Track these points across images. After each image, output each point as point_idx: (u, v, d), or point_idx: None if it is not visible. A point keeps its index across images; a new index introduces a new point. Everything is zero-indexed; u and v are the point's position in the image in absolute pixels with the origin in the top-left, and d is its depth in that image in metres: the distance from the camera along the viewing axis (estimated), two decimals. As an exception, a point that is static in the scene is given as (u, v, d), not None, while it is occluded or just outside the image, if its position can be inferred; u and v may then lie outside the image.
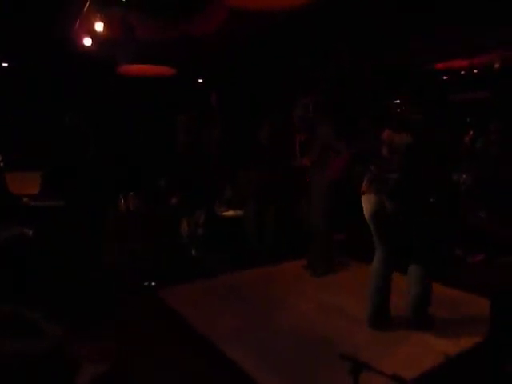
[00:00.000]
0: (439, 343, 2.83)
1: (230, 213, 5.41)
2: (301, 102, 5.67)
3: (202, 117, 7.07)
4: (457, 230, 4.59)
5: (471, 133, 5.89)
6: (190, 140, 5.40)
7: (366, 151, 3.70)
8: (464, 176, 5.13)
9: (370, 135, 3.85)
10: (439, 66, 5.91)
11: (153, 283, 4.14)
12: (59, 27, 4.16)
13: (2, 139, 5.10)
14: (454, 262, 4.57)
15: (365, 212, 3.10)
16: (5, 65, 5.44)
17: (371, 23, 4.41)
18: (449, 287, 3.83)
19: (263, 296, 3.77)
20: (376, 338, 2.95)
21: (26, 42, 4.62)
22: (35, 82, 5.61)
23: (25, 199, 4.57)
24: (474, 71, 6.17)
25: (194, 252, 4.99)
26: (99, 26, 4.03)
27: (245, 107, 3.54)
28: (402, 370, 2.39)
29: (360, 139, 4.37)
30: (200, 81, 6.77)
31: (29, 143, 5.41)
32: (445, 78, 6.55)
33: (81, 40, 4.20)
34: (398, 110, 3.17)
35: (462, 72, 6.25)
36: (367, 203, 3.07)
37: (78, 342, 2.68)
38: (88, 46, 4.23)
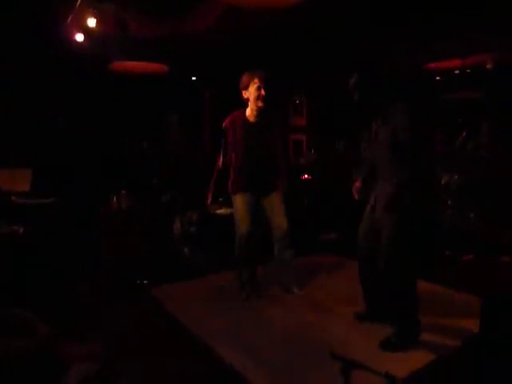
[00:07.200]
0: (430, 342, 2.84)
1: (223, 211, 5.38)
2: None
3: (195, 115, 7.06)
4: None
5: (464, 133, 5.90)
6: (181, 138, 5.37)
7: None
8: (456, 177, 5.16)
9: None
10: (432, 65, 5.92)
11: (145, 281, 4.12)
12: (51, 22, 4.13)
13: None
14: (444, 262, 4.61)
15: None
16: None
17: (364, 23, 4.41)
18: (438, 285, 3.87)
19: (254, 295, 3.76)
20: (367, 337, 2.94)
21: (17, 38, 4.57)
22: (26, 78, 5.54)
23: (13, 197, 4.51)
24: (467, 71, 6.19)
25: (186, 250, 4.96)
26: (92, 22, 4.01)
27: (238, 106, 3.54)
28: (393, 368, 2.40)
29: None
30: (193, 79, 6.73)
31: (20, 139, 5.35)
32: (437, 78, 6.57)
33: (73, 36, 4.17)
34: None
35: (456, 72, 6.27)
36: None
37: (67, 340, 2.67)
38: (80, 42, 4.20)
